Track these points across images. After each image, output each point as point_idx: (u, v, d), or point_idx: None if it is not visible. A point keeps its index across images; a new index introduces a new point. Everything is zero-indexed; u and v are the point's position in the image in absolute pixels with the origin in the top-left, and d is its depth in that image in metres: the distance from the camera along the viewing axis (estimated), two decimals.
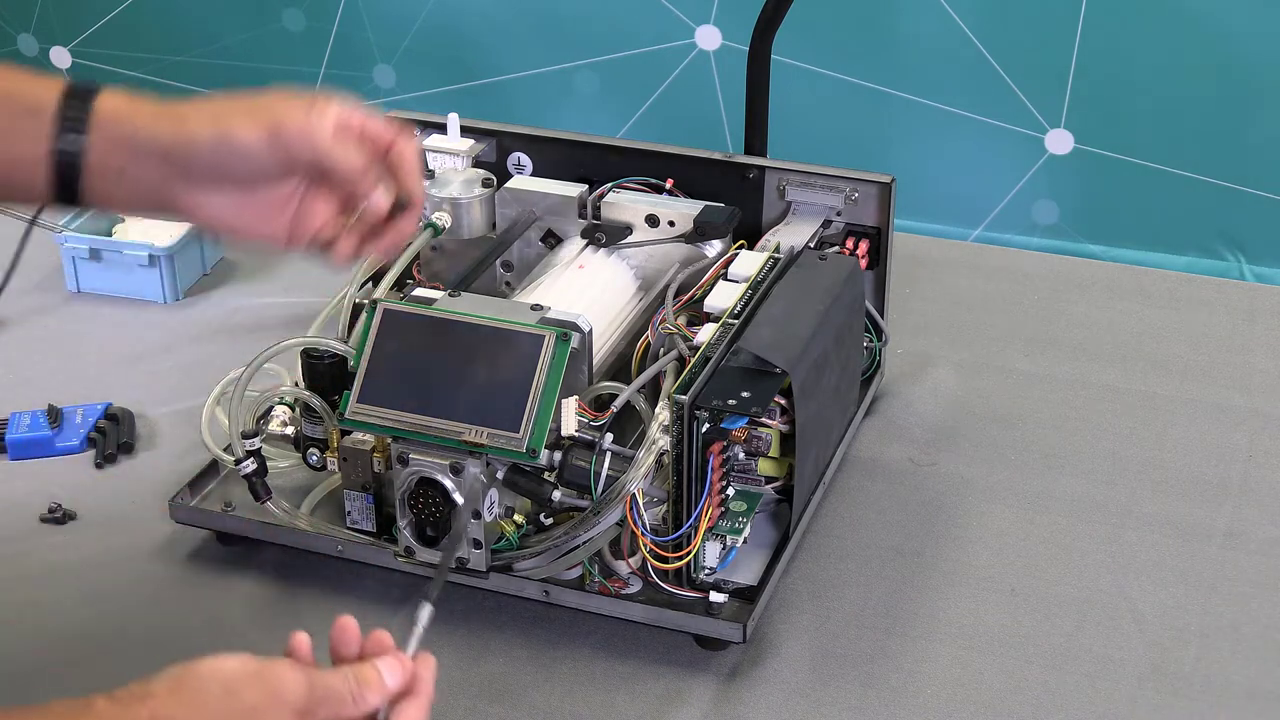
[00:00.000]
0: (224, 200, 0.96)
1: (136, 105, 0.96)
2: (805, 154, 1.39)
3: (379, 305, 1.13)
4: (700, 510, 1.08)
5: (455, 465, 1.09)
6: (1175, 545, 1.24)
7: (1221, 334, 1.52)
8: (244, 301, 1.42)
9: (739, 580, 1.14)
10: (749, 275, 1.23)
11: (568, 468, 1.08)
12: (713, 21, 2.28)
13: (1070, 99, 2.17)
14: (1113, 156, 2.19)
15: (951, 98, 2.22)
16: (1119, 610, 1.18)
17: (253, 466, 1.17)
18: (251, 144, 0.94)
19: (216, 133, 0.94)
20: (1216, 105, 2.13)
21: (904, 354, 1.46)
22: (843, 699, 1.10)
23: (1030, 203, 2.26)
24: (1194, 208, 2.18)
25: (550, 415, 1.08)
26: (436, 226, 1.32)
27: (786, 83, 1.78)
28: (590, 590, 1.13)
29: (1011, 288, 1.61)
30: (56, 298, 1.58)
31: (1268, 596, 1.19)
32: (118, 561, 1.23)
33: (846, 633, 1.15)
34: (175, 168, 0.94)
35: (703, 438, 1.07)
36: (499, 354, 1.10)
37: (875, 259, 1.34)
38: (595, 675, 1.12)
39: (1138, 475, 1.32)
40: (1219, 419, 1.39)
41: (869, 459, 1.34)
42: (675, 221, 1.32)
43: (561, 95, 2.38)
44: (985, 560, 1.23)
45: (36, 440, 1.34)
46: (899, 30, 2.23)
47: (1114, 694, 1.10)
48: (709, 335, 1.15)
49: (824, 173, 1.34)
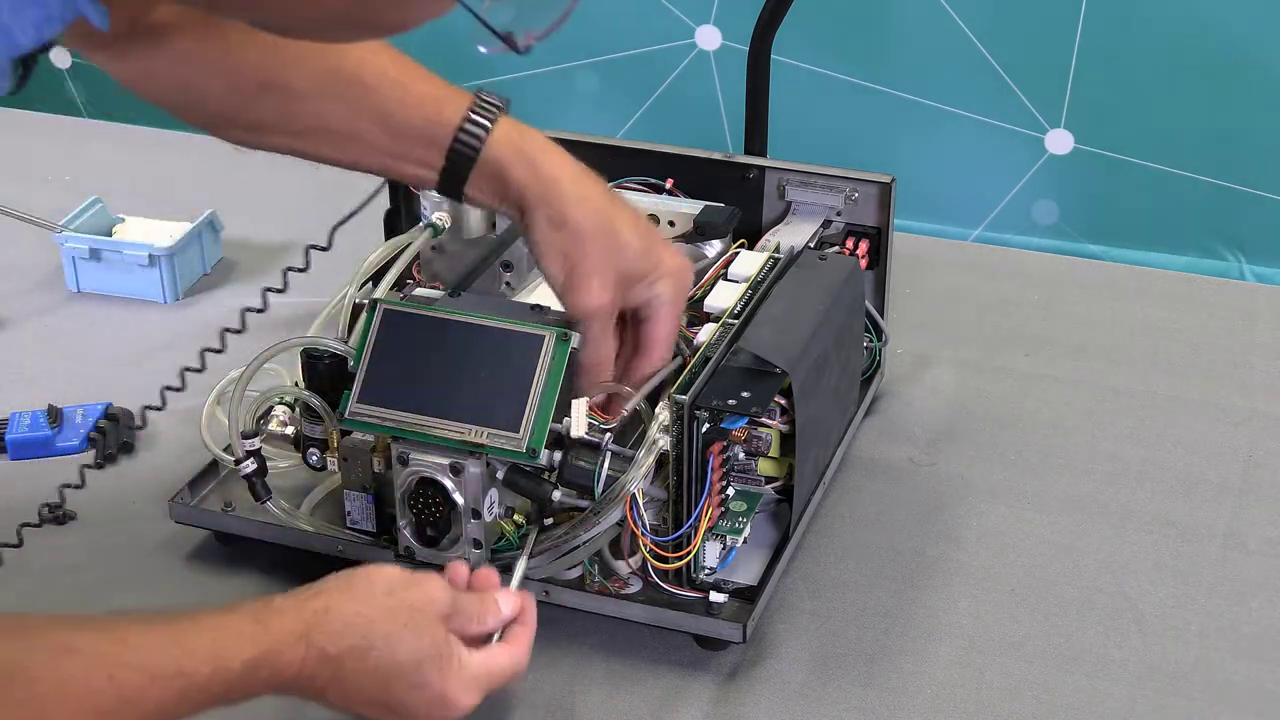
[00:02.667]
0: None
1: (518, 158, 1.09)
2: (805, 154, 1.39)
3: (379, 305, 1.13)
4: (700, 510, 1.08)
5: (455, 465, 1.09)
6: (1175, 545, 1.24)
7: (1221, 334, 1.52)
8: (244, 302, 1.41)
9: (739, 580, 1.14)
10: (749, 275, 1.23)
11: (568, 468, 1.08)
12: (713, 21, 2.28)
13: (1070, 99, 2.17)
14: (1113, 156, 2.19)
15: (951, 98, 2.22)
16: (1119, 610, 1.18)
17: (253, 466, 1.16)
18: (629, 250, 1.08)
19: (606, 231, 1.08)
20: (1216, 105, 2.13)
21: (904, 354, 1.46)
22: (843, 699, 1.10)
23: (1030, 203, 2.26)
24: (1194, 208, 2.19)
25: (550, 415, 1.08)
26: (436, 226, 1.32)
27: (786, 83, 1.78)
28: (590, 590, 1.13)
29: (1011, 288, 1.61)
30: (56, 298, 1.58)
31: (1268, 596, 1.19)
32: (118, 561, 1.23)
33: (846, 633, 1.15)
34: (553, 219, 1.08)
35: (703, 438, 1.07)
36: (499, 354, 1.10)
37: (875, 259, 1.34)
38: (595, 675, 1.12)
39: (1138, 475, 1.32)
40: (1219, 419, 1.39)
41: (869, 459, 1.34)
42: (675, 221, 1.32)
43: (561, 95, 2.38)
44: (985, 560, 1.23)
45: (36, 440, 1.34)
46: (899, 30, 2.23)
47: (1114, 694, 1.10)
48: (709, 335, 1.15)
49: (824, 173, 1.34)
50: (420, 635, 0.95)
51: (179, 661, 0.85)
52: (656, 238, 1.13)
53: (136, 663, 0.84)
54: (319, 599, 0.94)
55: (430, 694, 0.95)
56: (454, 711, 0.96)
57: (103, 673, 0.82)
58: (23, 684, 0.79)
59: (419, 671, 0.94)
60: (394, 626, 0.94)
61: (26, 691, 0.79)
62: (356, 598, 0.95)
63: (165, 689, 0.84)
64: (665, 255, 1.11)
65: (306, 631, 0.91)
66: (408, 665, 0.94)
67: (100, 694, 0.81)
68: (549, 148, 1.10)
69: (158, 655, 0.85)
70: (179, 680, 0.85)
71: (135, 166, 1.85)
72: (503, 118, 1.09)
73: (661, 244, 1.12)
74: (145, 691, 0.83)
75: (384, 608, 0.95)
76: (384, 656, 0.93)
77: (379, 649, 0.93)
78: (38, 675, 0.80)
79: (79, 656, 0.82)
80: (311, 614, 0.93)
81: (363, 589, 0.96)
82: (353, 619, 0.93)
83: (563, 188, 1.08)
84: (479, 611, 1.00)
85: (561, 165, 1.09)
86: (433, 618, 0.97)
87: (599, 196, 1.10)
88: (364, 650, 0.93)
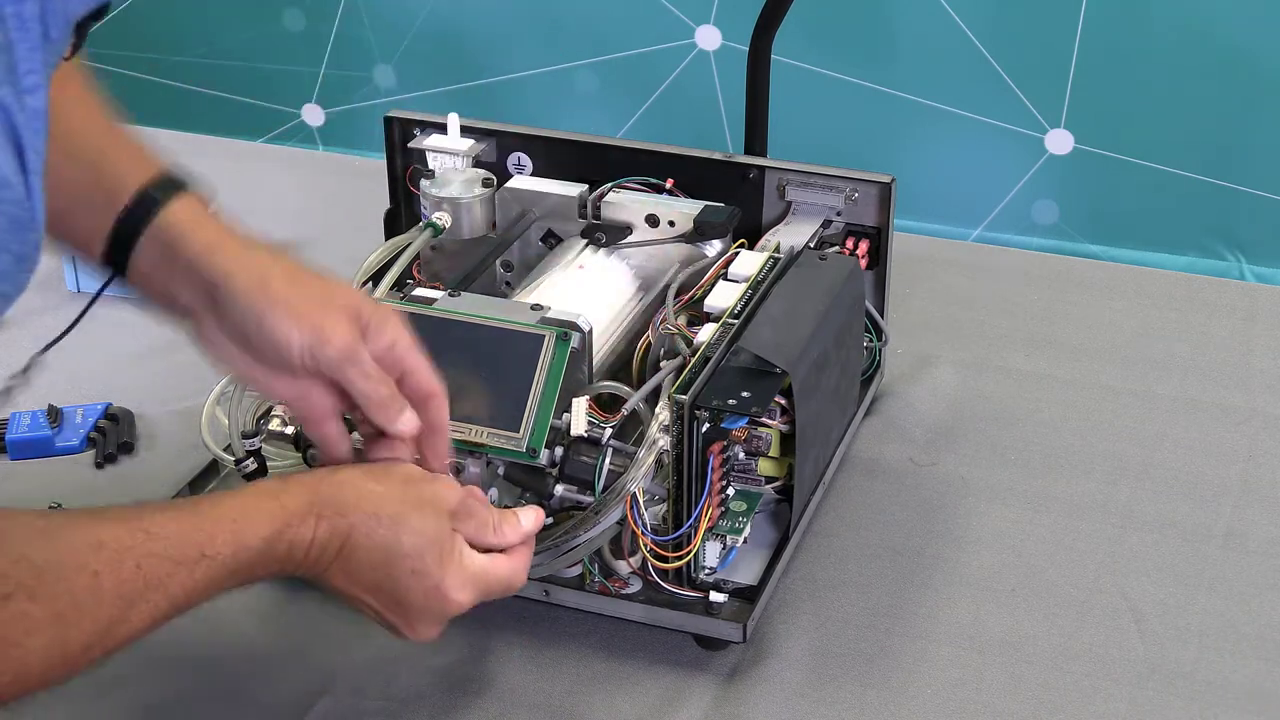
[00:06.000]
0: (241, 355, 0.98)
1: (199, 227, 0.98)
2: (805, 154, 1.39)
3: None
4: (700, 510, 1.08)
5: (455, 464, 1.09)
6: (1175, 545, 1.24)
7: (1221, 334, 1.52)
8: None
9: (739, 580, 1.14)
10: (749, 275, 1.23)
11: (569, 462, 1.08)
12: (713, 21, 2.28)
13: (1070, 99, 2.17)
14: (1113, 156, 2.19)
15: (951, 98, 2.22)
16: (1119, 610, 1.18)
17: (253, 466, 1.16)
18: (286, 343, 0.96)
19: (256, 314, 0.96)
20: (1216, 105, 2.13)
21: (904, 354, 1.46)
22: (843, 699, 1.10)
23: (1030, 203, 2.26)
24: (1194, 208, 2.19)
25: (550, 414, 1.08)
26: (436, 226, 1.32)
27: (786, 83, 1.78)
28: (590, 590, 1.13)
29: (1011, 288, 1.61)
30: (56, 298, 1.58)
31: (1268, 596, 1.19)
32: None
33: (846, 633, 1.15)
34: (210, 304, 0.97)
35: (703, 437, 1.07)
36: (499, 354, 1.10)
37: (875, 259, 1.34)
38: (595, 675, 1.12)
39: (1138, 475, 1.32)
40: (1219, 419, 1.39)
41: (869, 459, 1.34)
42: (675, 221, 1.32)
43: (561, 95, 2.38)
44: (985, 560, 1.23)
45: (36, 440, 1.34)
46: (899, 30, 2.23)
47: (1114, 694, 1.10)
48: (709, 335, 1.15)
49: (824, 173, 1.34)
50: (426, 521, 0.96)
51: (201, 546, 0.88)
52: None
53: (161, 551, 0.87)
54: (336, 474, 0.97)
55: (428, 583, 0.96)
56: (448, 605, 0.97)
57: (130, 563, 0.85)
58: (57, 580, 0.82)
59: (420, 557, 0.95)
60: (403, 509, 0.96)
61: (62, 586, 0.82)
62: (372, 476, 0.98)
63: (190, 573, 0.87)
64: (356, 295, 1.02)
65: (319, 502, 0.94)
66: (409, 548, 0.95)
67: (128, 583, 0.85)
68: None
69: (181, 541, 0.88)
70: (203, 564, 0.88)
71: None
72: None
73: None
74: (171, 576, 0.87)
75: (398, 490, 0.97)
76: (389, 535, 0.95)
77: (385, 526, 0.95)
78: (70, 573, 0.83)
79: (106, 551, 0.85)
80: (326, 486, 0.95)
81: (380, 471, 0.99)
82: (365, 493, 0.96)
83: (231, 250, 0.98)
84: (497, 522, 1.01)
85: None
86: (441, 511, 0.98)
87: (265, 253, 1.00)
88: (371, 525, 0.94)
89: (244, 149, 2.06)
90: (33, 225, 0.75)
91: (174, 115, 2.34)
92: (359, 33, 2.43)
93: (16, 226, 0.74)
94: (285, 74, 2.52)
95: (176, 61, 2.57)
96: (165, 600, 0.87)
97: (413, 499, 0.97)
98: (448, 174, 1.35)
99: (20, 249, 0.76)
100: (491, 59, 2.39)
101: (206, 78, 2.55)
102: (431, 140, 1.37)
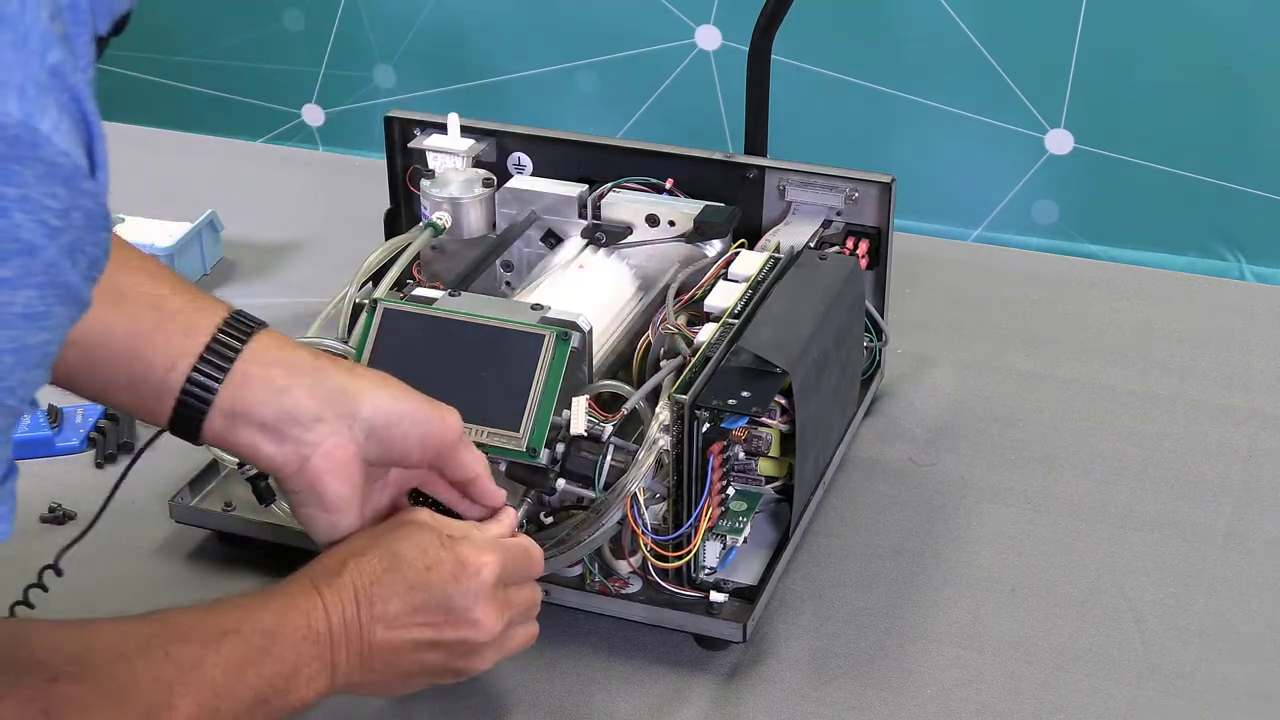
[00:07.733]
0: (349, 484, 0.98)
1: (271, 368, 0.96)
2: (805, 154, 1.39)
3: (379, 305, 1.13)
4: (700, 510, 1.08)
5: None
6: (1175, 545, 1.24)
7: (1221, 334, 1.52)
8: (244, 301, 1.41)
9: (739, 580, 1.14)
10: (749, 275, 1.23)
11: (571, 459, 1.08)
12: (713, 21, 2.28)
13: (1070, 99, 2.17)
14: (1113, 156, 2.19)
15: (951, 98, 2.22)
16: (1119, 610, 1.18)
17: (255, 468, 1.16)
18: (440, 426, 0.98)
19: (395, 416, 0.97)
20: (1216, 105, 2.13)
21: (904, 354, 1.46)
22: (843, 699, 1.10)
23: (1030, 203, 2.26)
24: (1194, 208, 2.19)
25: (550, 414, 1.08)
26: (436, 226, 1.32)
27: (786, 83, 1.78)
28: (590, 590, 1.13)
29: (1011, 288, 1.61)
30: None
31: (1268, 596, 1.19)
32: (118, 561, 1.23)
33: (846, 633, 1.15)
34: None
35: (703, 437, 1.07)
36: (499, 353, 1.10)
37: (875, 259, 1.34)
38: (595, 675, 1.12)
39: (1138, 475, 1.32)
40: (1219, 419, 1.39)
41: (869, 459, 1.34)
42: (675, 221, 1.32)
43: (561, 95, 2.38)
44: (985, 560, 1.23)
45: (36, 440, 1.34)
46: (899, 30, 2.23)
47: (1114, 694, 1.10)
48: (709, 335, 1.15)
49: (824, 173, 1.34)
50: (409, 530, 0.97)
51: (218, 625, 0.88)
52: None
53: (183, 635, 0.87)
54: (319, 559, 0.97)
55: (448, 567, 0.95)
56: (482, 573, 0.96)
57: (158, 651, 0.85)
58: (95, 666, 0.82)
59: (425, 552, 0.95)
60: (382, 536, 0.96)
61: (102, 672, 0.82)
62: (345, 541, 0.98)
63: (218, 652, 0.87)
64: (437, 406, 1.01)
65: (311, 574, 0.94)
66: (412, 553, 0.95)
67: (160, 667, 0.85)
68: None
69: (199, 625, 0.88)
70: (227, 640, 0.88)
71: (135, 166, 1.85)
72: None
73: None
74: (203, 660, 0.86)
75: (368, 531, 0.98)
76: (387, 558, 0.95)
77: (379, 556, 0.95)
78: (105, 660, 0.83)
79: (132, 641, 0.85)
80: (312, 565, 0.96)
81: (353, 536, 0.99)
82: (344, 548, 0.96)
83: None
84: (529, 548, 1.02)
85: None
86: (418, 520, 0.98)
87: None
88: (368, 563, 0.94)
89: (244, 149, 2.06)
90: (105, 223, 0.73)
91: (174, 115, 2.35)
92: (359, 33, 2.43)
93: (92, 224, 0.70)
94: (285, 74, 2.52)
95: (176, 61, 2.57)
96: (208, 691, 0.86)
97: (386, 527, 0.98)
98: (448, 174, 1.35)
99: (94, 250, 0.72)
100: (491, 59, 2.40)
101: (207, 78, 2.56)
102: (431, 140, 1.37)
